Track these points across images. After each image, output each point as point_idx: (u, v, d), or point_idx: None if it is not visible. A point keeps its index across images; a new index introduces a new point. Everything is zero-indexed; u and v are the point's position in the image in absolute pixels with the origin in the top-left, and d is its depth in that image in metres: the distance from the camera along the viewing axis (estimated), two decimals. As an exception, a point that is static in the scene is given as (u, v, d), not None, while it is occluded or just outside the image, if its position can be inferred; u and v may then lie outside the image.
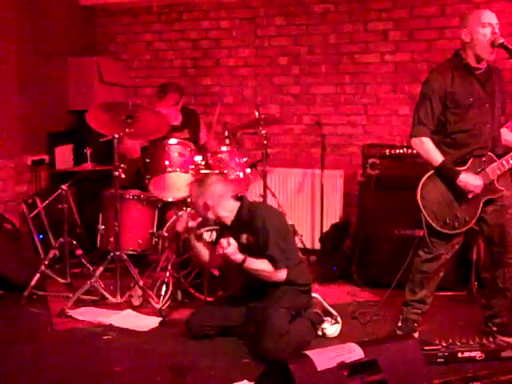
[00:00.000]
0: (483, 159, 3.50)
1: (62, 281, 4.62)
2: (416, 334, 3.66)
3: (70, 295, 4.23)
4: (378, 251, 4.78)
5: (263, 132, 4.95)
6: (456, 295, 4.49)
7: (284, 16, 5.93)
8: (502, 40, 3.38)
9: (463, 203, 3.50)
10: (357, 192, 5.17)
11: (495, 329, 3.65)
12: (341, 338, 3.59)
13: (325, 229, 5.34)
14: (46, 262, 4.48)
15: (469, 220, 3.51)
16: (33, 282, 4.36)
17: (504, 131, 3.71)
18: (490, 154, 3.51)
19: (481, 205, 3.51)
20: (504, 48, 3.37)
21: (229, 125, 5.13)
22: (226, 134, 4.79)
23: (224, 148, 4.63)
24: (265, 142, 4.97)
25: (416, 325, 3.71)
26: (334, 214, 5.64)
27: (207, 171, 4.34)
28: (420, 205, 3.53)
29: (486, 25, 3.40)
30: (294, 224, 5.19)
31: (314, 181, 5.68)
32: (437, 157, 3.47)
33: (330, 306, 3.88)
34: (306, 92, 5.93)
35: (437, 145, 3.51)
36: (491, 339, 3.47)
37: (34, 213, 5.17)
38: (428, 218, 3.52)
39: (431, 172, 3.54)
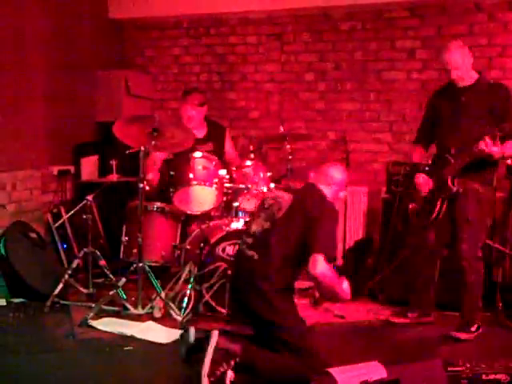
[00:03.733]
0: (443, 161, 3.96)
1: (85, 290, 4.64)
2: None
3: (93, 305, 4.26)
4: (400, 269, 4.73)
5: (288, 147, 4.96)
6: (481, 316, 4.43)
7: (311, 32, 5.96)
8: None
9: (426, 199, 4.06)
10: (380, 209, 5.14)
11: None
12: (364, 357, 3.54)
13: (348, 245, 5.30)
14: (70, 272, 4.51)
15: (430, 214, 4.01)
16: (56, 291, 4.39)
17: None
18: (448, 157, 3.94)
19: (438, 202, 3.98)
20: None
21: (254, 139, 5.13)
22: (251, 148, 4.79)
23: (249, 162, 4.64)
24: (289, 156, 4.97)
25: None
26: (357, 230, 5.61)
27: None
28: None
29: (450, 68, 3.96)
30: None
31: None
32: (413, 158, 4.25)
33: (351, 323, 3.84)
34: (332, 108, 5.94)
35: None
36: (517, 362, 3.41)
37: (59, 222, 5.20)
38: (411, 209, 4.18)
39: None
